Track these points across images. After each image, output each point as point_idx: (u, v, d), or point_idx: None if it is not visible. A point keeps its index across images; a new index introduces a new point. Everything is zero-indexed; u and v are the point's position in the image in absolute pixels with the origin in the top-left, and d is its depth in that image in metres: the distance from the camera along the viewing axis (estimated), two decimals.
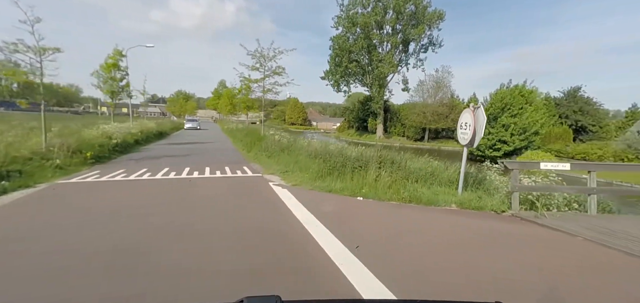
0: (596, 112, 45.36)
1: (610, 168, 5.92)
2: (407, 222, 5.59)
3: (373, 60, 45.86)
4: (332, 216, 5.60)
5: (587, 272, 3.82)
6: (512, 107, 28.93)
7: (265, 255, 3.86)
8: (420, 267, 3.71)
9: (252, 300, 0.89)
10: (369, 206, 6.54)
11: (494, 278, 3.47)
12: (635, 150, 23.72)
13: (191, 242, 4.18)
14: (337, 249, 4.10)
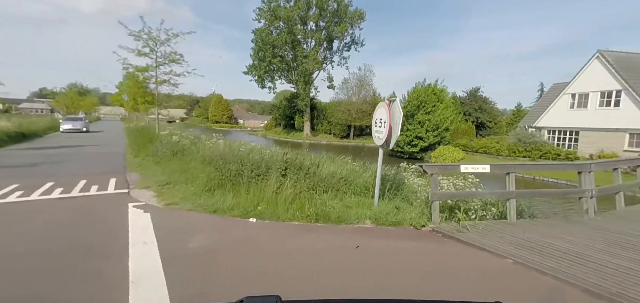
0: (492, 110, 51.92)
1: (528, 168, 5.28)
2: (306, 258, 4.04)
3: (298, 56, 44.63)
4: (195, 259, 3.74)
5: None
6: (427, 105, 30.65)
7: None
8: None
9: (252, 300, 0.90)
10: (260, 233, 4.85)
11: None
12: (524, 143, 27.00)
13: None
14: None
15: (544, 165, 5.42)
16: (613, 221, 5.68)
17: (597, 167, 5.96)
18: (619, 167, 6.43)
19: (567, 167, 5.67)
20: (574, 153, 24.82)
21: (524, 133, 27.94)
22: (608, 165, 6.24)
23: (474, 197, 5.75)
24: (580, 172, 5.90)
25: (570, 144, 26.14)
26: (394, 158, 33.31)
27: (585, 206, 5.85)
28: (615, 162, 6.39)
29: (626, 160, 6.45)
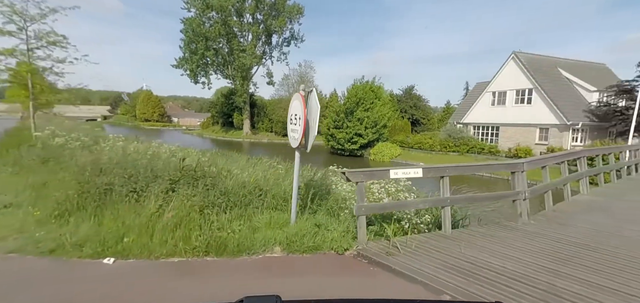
0: (425, 107, 55.08)
1: (463, 169, 4.55)
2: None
3: (234, 49, 41.85)
4: None
5: None
6: (365, 102, 30.78)
7: None
8: None
9: (252, 299, 0.89)
10: (113, 283, 3.26)
11: None
12: (454, 138, 28.56)
13: None
14: None
15: (479, 166, 4.74)
16: (547, 225, 5.28)
17: (529, 165, 5.53)
18: (546, 165, 6.15)
19: (500, 167, 5.10)
20: (495, 147, 26.91)
21: (453, 129, 29.59)
22: (538, 163, 5.90)
23: (406, 208, 4.86)
24: (513, 172, 5.40)
25: (492, 139, 28.31)
26: (335, 156, 32.95)
27: (518, 209, 5.37)
28: (544, 159, 6.11)
29: (553, 156, 6.24)
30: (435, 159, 27.24)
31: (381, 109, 31.47)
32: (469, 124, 30.28)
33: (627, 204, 6.66)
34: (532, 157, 5.57)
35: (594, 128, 23.67)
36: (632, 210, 6.16)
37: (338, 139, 31.13)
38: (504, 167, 5.36)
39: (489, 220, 8.12)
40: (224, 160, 8.75)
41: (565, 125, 22.72)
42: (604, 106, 23.24)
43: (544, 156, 6.12)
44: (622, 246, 4.38)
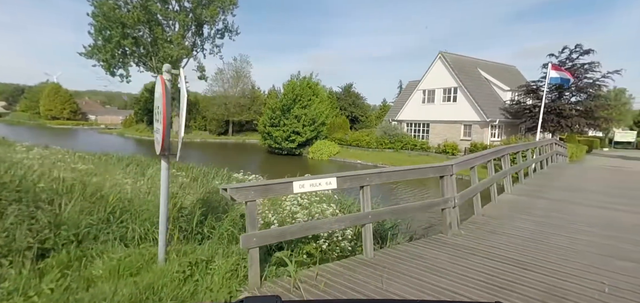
0: (363, 105, 56.42)
1: (387, 176, 3.66)
2: None
3: (158, 39, 37.48)
4: None
5: None
6: (302, 99, 29.83)
7: None
8: None
9: (252, 300, 0.89)
10: None
11: None
12: (389, 135, 29.17)
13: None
14: None
15: (405, 171, 3.85)
16: (478, 236, 4.68)
17: (458, 167, 4.90)
18: (475, 165, 5.65)
19: (428, 171, 4.34)
20: (426, 143, 28.12)
21: (388, 126, 30.25)
22: (467, 164, 5.36)
23: (312, 232, 3.77)
24: (441, 176, 4.70)
25: (423, 135, 29.57)
26: (273, 156, 31.45)
27: (448, 218, 4.69)
28: (472, 158, 5.61)
29: (481, 155, 5.81)
30: (371, 156, 27.47)
31: (319, 106, 30.84)
32: (402, 121, 31.27)
33: (546, 203, 6.58)
34: (461, 158, 4.93)
35: (508, 124, 26.03)
36: (551, 211, 6.03)
37: (275, 137, 29.68)
38: (432, 171, 4.63)
39: (419, 227, 7.60)
40: (100, 168, 6.81)
41: (485, 122, 24.53)
42: (516, 104, 25.65)
43: (472, 156, 5.63)
44: (554, 259, 3.91)
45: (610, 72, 22.09)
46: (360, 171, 3.96)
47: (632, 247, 4.31)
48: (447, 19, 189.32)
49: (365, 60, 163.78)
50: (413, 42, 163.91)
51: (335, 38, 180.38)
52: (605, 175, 10.68)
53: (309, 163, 28.11)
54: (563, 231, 4.91)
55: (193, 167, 10.10)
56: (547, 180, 9.31)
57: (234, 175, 7.50)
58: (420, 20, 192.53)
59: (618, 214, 5.78)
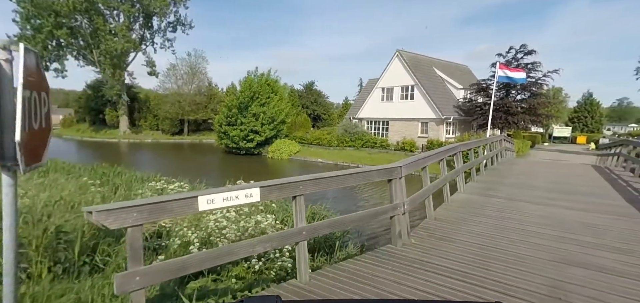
0: (325, 102, 56.25)
1: (326, 183, 3.06)
2: None
3: (99, 30, 34.04)
4: None
5: None
6: (261, 96, 28.67)
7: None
8: None
9: (251, 300, 0.88)
10: None
11: None
12: (350, 133, 29.04)
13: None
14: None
15: (346, 177, 3.26)
16: (430, 244, 4.25)
17: (408, 169, 4.42)
18: (427, 165, 5.24)
19: (374, 175, 3.82)
20: (386, 140, 28.38)
21: (349, 124, 30.13)
22: (417, 165, 4.92)
23: (226, 260, 3.01)
24: (390, 180, 4.18)
25: (383, 133, 29.84)
26: (231, 156, 29.96)
27: (397, 227, 4.19)
28: (423, 158, 5.20)
29: (433, 154, 5.47)
30: (332, 155, 27.13)
31: (279, 104, 29.87)
32: (363, 119, 31.33)
33: (497, 202, 6.42)
34: (410, 159, 4.46)
35: (462, 121, 27.05)
36: (502, 211, 5.84)
37: (232, 136, 28.20)
38: (378, 174, 4.09)
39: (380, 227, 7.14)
40: None
41: (441, 119, 25.23)
42: (468, 102, 26.71)
43: (423, 155, 5.23)
44: (505, 270, 3.56)
45: (550, 72, 23.74)
46: (292, 178, 3.28)
47: (579, 249, 4.14)
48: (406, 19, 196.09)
49: (329, 59, 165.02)
50: (375, 41, 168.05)
51: (300, 36, 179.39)
52: (547, 169, 11.10)
53: (268, 162, 27.11)
54: (514, 234, 4.64)
55: (122, 172, 8.79)
56: (498, 176, 9.38)
57: (170, 187, 6.43)
58: (381, 20, 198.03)
59: (562, 211, 5.73)
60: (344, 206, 13.65)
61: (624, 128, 61.65)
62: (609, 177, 9.66)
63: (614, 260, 3.78)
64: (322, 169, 25.90)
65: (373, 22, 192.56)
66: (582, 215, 5.53)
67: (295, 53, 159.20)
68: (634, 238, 4.50)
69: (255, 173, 22.47)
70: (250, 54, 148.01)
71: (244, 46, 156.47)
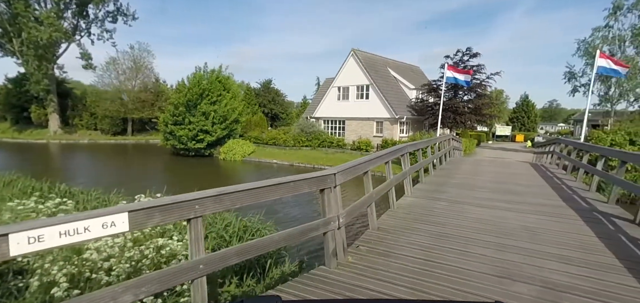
0: (284, 102, 55.20)
1: (231, 200, 2.28)
2: None
3: (20, 16, 29.73)
4: None
5: None
6: (211, 94, 26.95)
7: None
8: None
9: (251, 300, 0.94)
10: None
11: None
12: (306, 133, 28.45)
13: None
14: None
15: (263, 189, 2.53)
16: (368, 263, 3.72)
17: (344, 175, 3.85)
18: (368, 169, 4.73)
19: (303, 185, 3.20)
20: (343, 140, 28.23)
21: (306, 123, 29.54)
22: (356, 170, 4.36)
23: None
24: (322, 189, 3.57)
25: (340, 132, 29.69)
26: (178, 157, 27.84)
27: (331, 245, 3.59)
28: (365, 163, 4.66)
29: (375, 157, 5.01)
30: (288, 155, 26.35)
31: (231, 102, 28.35)
32: (320, 118, 30.94)
33: (442, 206, 6.15)
34: (347, 164, 3.91)
35: (415, 121, 27.78)
36: (447, 217, 5.56)
37: (179, 136, 26.16)
38: (307, 184, 3.46)
39: None
40: None
41: (395, 119, 25.63)
42: (420, 102, 27.50)
43: (364, 159, 4.70)
44: (446, 291, 3.12)
45: (492, 74, 25.21)
46: (185, 195, 2.50)
47: (522, 259, 3.88)
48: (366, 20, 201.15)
49: (290, 58, 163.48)
50: (336, 41, 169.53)
51: (259, 34, 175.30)
52: (490, 168, 11.39)
53: (220, 164, 25.56)
54: (457, 243, 4.30)
55: (16, 180, 7.22)
56: (446, 176, 9.31)
57: (47, 205, 5.18)
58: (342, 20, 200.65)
59: (503, 214, 5.59)
60: (299, 211, 12.94)
61: (554, 127, 68.66)
62: (545, 175, 10.08)
63: (558, 272, 3.53)
64: (277, 170, 24.96)
65: (334, 21, 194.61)
66: (522, 218, 5.41)
67: (255, 51, 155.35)
68: (574, 242, 4.37)
69: (204, 177, 20.91)
70: (207, 50, 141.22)
71: (201, 42, 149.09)
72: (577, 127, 47.84)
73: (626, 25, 23.36)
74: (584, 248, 4.14)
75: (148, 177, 19.43)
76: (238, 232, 5.16)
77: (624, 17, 23.37)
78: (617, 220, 5.33)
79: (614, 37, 23.80)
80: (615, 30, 23.80)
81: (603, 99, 24.96)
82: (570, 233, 4.72)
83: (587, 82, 24.88)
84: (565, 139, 12.64)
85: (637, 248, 4.18)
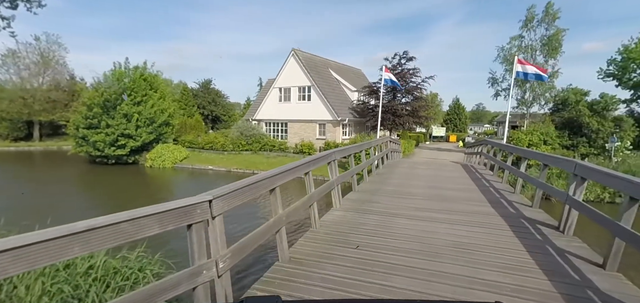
0: (226, 103, 52.29)
1: (60, 250, 1.09)
2: None
3: None
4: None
5: None
6: (135, 93, 23.88)
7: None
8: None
9: (251, 300, 0.86)
10: None
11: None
12: (246, 136, 26.79)
13: None
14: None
15: (114, 226, 1.26)
16: None
17: (226, 202, 2.83)
18: (276, 186, 3.76)
19: (170, 218, 1.98)
20: (285, 143, 27.15)
21: (245, 126, 27.84)
22: (251, 191, 3.33)
23: None
24: (190, 224, 2.49)
25: (282, 135, 28.57)
26: (96, 165, 24.14)
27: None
28: (270, 178, 3.68)
29: (286, 169, 4.04)
30: (226, 160, 24.48)
31: (160, 103, 25.51)
32: (261, 121, 29.49)
33: (371, 222, 5.43)
34: (234, 185, 2.79)
35: (357, 123, 27.84)
36: (377, 234, 4.85)
37: (95, 142, 22.66)
38: (160, 220, 2.34)
39: None
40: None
41: (337, 121, 25.32)
42: (361, 104, 27.64)
43: (268, 174, 3.70)
44: None
45: (427, 77, 26.30)
46: None
47: (452, 290, 3.22)
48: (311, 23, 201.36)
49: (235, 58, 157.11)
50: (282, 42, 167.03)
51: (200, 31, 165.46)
52: (425, 171, 11.28)
53: (147, 173, 22.71)
54: (380, 275, 3.54)
55: None
56: (381, 182, 8.80)
57: None
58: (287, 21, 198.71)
59: (436, 228, 5.05)
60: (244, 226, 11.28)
61: (481, 128, 75.81)
62: (474, 177, 10.18)
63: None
64: (212, 177, 22.95)
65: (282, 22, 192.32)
66: (454, 231, 4.91)
67: (198, 49, 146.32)
68: (506, 262, 3.89)
69: (125, 190, 18.16)
70: (140, 46, 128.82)
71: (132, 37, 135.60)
72: (500, 127, 53.06)
73: (537, 35, 26.10)
74: (515, 269, 3.67)
75: (52, 193, 16.22)
76: (94, 283, 3.79)
77: (534, 30, 26.13)
78: (544, 227, 5.12)
79: (526, 46, 26.43)
80: (528, 40, 26.47)
81: (520, 102, 27.57)
82: (502, 249, 4.28)
83: (507, 86, 27.26)
84: (491, 140, 13.23)
85: (566, 264, 3.83)
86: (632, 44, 25.38)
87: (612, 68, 27.44)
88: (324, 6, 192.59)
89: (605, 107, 21.75)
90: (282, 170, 4.04)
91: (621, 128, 20.98)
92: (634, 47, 25.06)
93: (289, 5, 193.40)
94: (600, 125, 20.82)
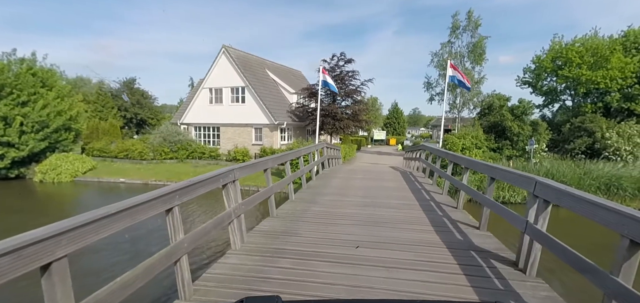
0: (153, 106, 46.82)
1: None
2: None
3: None
4: None
5: None
6: (20, 92, 19.15)
7: None
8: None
9: (252, 300, 0.85)
10: None
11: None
12: (170, 142, 23.50)
13: None
14: None
15: None
16: None
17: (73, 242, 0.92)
18: (174, 206, 1.89)
19: None
20: (217, 150, 24.48)
21: (170, 130, 24.47)
22: (96, 231, 1.49)
23: None
24: None
25: (213, 140, 25.80)
26: None
27: None
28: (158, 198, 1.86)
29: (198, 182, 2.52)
30: (144, 171, 20.99)
31: (57, 104, 20.96)
32: (190, 125, 26.33)
33: (281, 271, 3.80)
34: (82, 218, 0.94)
35: (297, 127, 26.32)
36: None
37: None
38: None
39: None
40: None
41: (275, 125, 23.49)
42: (301, 107, 26.22)
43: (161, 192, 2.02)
44: None
45: (367, 80, 25.91)
46: None
47: None
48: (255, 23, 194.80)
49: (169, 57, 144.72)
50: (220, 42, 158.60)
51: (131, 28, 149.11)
52: (363, 182, 10.12)
53: (35, 190, 18.26)
54: None
55: None
56: (309, 201, 7.25)
57: None
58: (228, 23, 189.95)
59: (369, 273, 3.63)
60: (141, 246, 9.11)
61: (417, 131, 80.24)
62: (414, 187, 9.29)
63: None
64: (124, 193, 19.39)
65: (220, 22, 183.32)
66: (394, 281, 3.53)
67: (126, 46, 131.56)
68: None
69: None
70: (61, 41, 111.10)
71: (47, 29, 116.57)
72: (434, 130, 56.17)
73: (464, 42, 27.48)
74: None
75: None
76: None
77: (461, 37, 27.50)
78: (500, 265, 4.02)
79: (456, 53, 27.69)
80: (456, 47, 27.76)
81: (452, 106, 28.80)
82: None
83: (440, 91, 28.23)
84: (429, 145, 12.76)
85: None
86: (543, 55, 28.14)
87: (527, 76, 30.21)
88: (266, 10, 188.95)
89: (524, 112, 23.48)
90: (196, 182, 2.27)
91: (537, 131, 22.77)
92: (545, 58, 27.79)
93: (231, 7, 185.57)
94: (520, 129, 22.30)
